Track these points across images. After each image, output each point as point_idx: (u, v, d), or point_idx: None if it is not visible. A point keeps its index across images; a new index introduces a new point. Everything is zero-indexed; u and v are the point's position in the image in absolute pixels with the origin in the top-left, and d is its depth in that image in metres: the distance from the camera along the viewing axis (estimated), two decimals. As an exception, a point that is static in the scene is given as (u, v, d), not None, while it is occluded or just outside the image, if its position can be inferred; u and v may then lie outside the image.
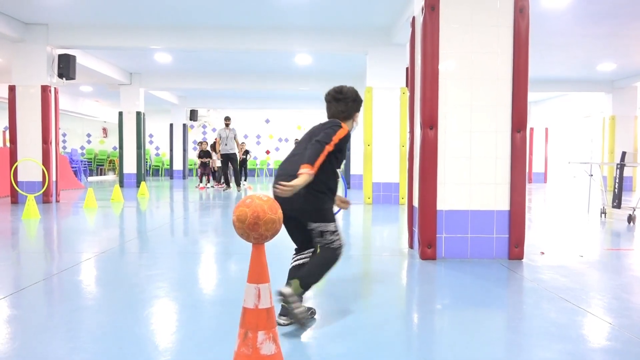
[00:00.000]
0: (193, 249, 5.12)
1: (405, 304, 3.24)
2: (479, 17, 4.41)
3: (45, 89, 9.43)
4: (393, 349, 2.39)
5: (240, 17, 8.98)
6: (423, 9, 4.44)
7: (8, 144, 9.88)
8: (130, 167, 14.69)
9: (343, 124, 2.80)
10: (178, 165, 20.77)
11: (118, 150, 14.92)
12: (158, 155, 24.11)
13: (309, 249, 2.85)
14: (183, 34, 9.66)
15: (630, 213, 7.04)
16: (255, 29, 9.60)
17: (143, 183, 12.04)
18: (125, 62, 13.21)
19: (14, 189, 9.16)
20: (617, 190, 7.40)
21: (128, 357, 2.25)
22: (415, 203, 4.68)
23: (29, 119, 9.41)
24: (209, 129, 23.62)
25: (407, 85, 9.37)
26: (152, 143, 24.00)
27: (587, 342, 2.51)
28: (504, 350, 2.43)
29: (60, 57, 9.72)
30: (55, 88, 9.75)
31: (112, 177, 22.48)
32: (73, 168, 17.03)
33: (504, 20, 4.40)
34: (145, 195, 11.38)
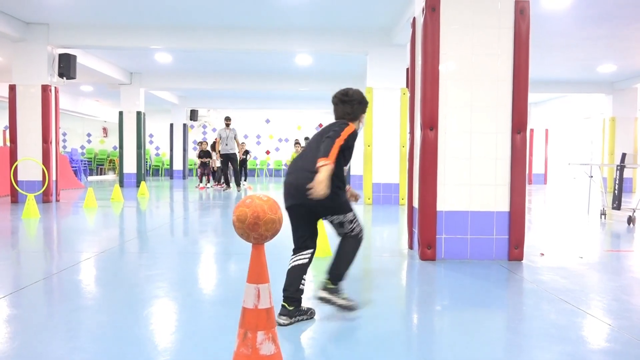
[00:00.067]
0: (193, 249, 5.13)
1: (405, 305, 3.24)
2: (480, 18, 4.41)
3: (46, 89, 9.43)
4: (393, 350, 2.39)
5: (241, 17, 8.98)
6: (424, 10, 4.45)
7: (8, 143, 9.87)
8: (130, 166, 14.70)
9: (350, 123, 2.92)
10: (178, 165, 20.78)
11: (118, 150, 14.93)
12: (158, 155, 24.11)
13: (309, 249, 2.86)
14: (183, 34, 9.67)
15: (630, 214, 7.04)
16: (256, 29, 9.61)
17: (143, 183, 12.04)
18: (126, 61, 13.22)
19: (14, 188, 9.16)
20: (617, 192, 7.40)
21: (128, 356, 2.26)
22: (415, 204, 4.68)
23: (29, 119, 9.42)
24: (209, 129, 23.62)
25: (407, 86, 9.39)
26: (152, 143, 24.01)
27: (586, 343, 2.51)
28: (504, 352, 2.43)
29: (61, 56, 9.72)
30: (56, 87, 9.76)
31: (112, 176, 22.48)
32: (73, 167, 17.03)
33: (505, 22, 4.40)
34: (145, 195, 11.38)
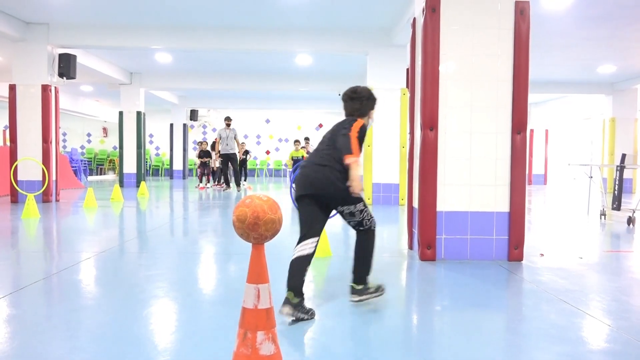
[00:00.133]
0: (193, 249, 5.13)
1: (405, 305, 3.24)
2: (480, 18, 4.41)
3: (46, 88, 9.43)
4: (392, 350, 2.39)
5: (241, 17, 8.98)
6: (424, 11, 4.45)
7: (8, 143, 9.87)
8: (130, 166, 14.69)
9: (359, 119, 3.07)
10: (178, 165, 20.78)
11: (118, 150, 14.92)
12: (158, 155, 24.11)
13: (314, 237, 2.90)
14: (183, 34, 9.67)
15: (630, 215, 7.04)
16: (256, 29, 9.61)
17: (143, 183, 12.04)
18: (126, 61, 13.22)
19: (14, 188, 9.16)
20: (616, 192, 7.40)
21: (127, 356, 2.26)
22: (415, 204, 4.68)
23: (29, 118, 9.42)
24: (209, 129, 23.61)
25: (407, 86, 9.37)
26: (152, 143, 24.00)
27: (586, 344, 2.51)
28: (503, 352, 2.43)
29: (61, 56, 9.72)
30: (56, 87, 9.76)
31: (112, 176, 22.48)
32: (73, 167, 17.03)
33: (505, 22, 4.40)
34: (145, 195, 11.38)
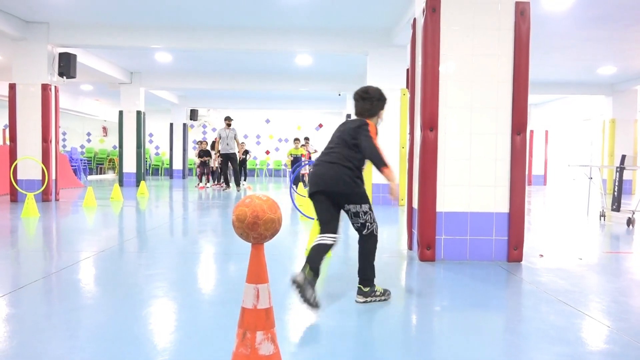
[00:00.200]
0: (192, 249, 5.12)
1: (404, 305, 3.24)
2: (480, 19, 4.41)
3: (46, 88, 9.43)
4: (392, 350, 2.39)
5: (241, 17, 8.98)
6: (424, 11, 4.45)
7: (8, 142, 9.87)
8: (130, 166, 14.69)
9: (368, 121, 3.16)
10: (178, 165, 20.78)
11: (118, 149, 14.92)
12: (158, 155, 24.11)
13: (333, 234, 3.07)
14: (183, 34, 9.67)
15: (630, 216, 7.04)
16: (256, 29, 9.61)
17: (143, 182, 12.03)
18: (126, 61, 13.22)
19: (14, 187, 9.16)
20: (616, 193, 7.40)
21: (127, 356, 2.25)
22: (415, 204, 4.68)
23: (29, 117, 9.42)
24: (209, 129, 23.61)
25: (407, 87, 9.37)
26: (152, 142, 24.00)
27: (585, 344, 2.51)
28: (502, 352, 2.43)
29: (61, 55, 9.72)
30: (56, 86, 9.76)
31: (111, 176, 22.48)
32: (73, 167, 17.04)
33: (505, 23, 4.40)
34: (145, 195, 11.37)
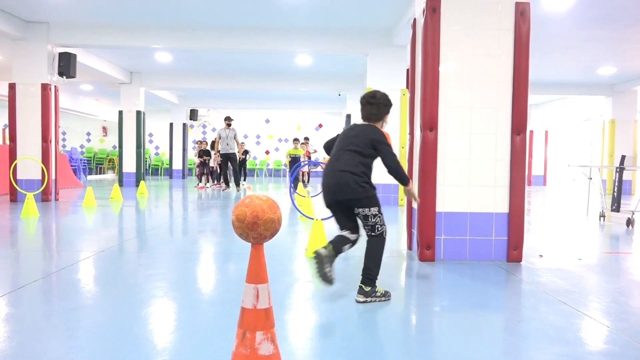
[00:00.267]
0: (192, 249, 5.12)
1: (404, 306, 3.24)
2: (480, 19, 4.41)
3: (46, 87, 9.43)
4: (391, 350, 2.39)
5: (241, 17, 8.99)
6: (424, 11, 4.45)
7: (8, 142, 9.86)
8: (130, 166, 14.69)
9: (377, 125, 3.31)
10: (177, 165, 20.78)
11: (118, 149, 14.92)
12: (158, 155, 24.11)
13: (355, 234, 3.24)
14: (183, 34, 9.67)
15: (629, 216, 7.04)
16: (256, 29, 9.61)
17: (142, 182, 12.03)
18: (126, 61, 13.22)
19: (13, 187, 9.16)
20: (616, 194, 7.40)
21: (126, 356, 2.25)
22: (415, 204, 4.68)
23: (29, 117, 9.42)
24: (209, 129, 23.61)
25: (407, 87, 9.38)
26: (151, 142, 24.00)
27: (585, 345, 2.51)
28: (502, 353, 2.43)
29: (61, 55, 9.72)
30: (56, 86, 9.76)
31: (111, 176, 22.47)
32: (72, 166, 17.03)
33: (505, 23, 4.40)
34: (145, 195, 11.37)
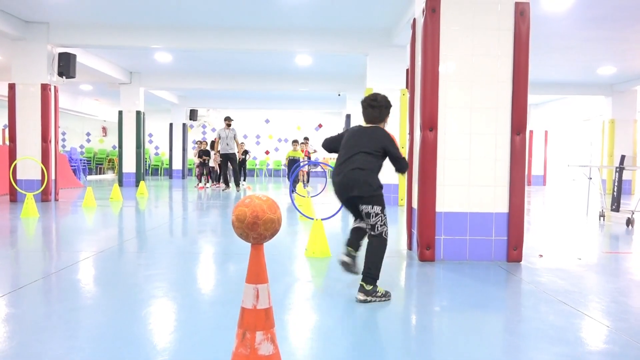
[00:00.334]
0: (192, 249, 5.12)
1: (404, 306, 3.24)
2: (480, 19, 4.41)
3: (45, 88, 9.43)
4: (391, 350, 2.39)
5: (241, 17, 8.98)
6: (424, 11, 4.45)
7: (7, 142, 9.87)
8: (130, 166, 14.69)
9: (388, 132, 3.43)
10: (177, 165, 20.78)
11: (117, 150, 14.92)
12: (157, 155, 24.10)
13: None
14: (183, 34, 9.67)
15: (629, 216, 7.04)
16: (256, 29, 9.61)
17: (142, 182, 12.03)
18: (126, 61, 13.21)
19: (13, 187, 9.15)
20: (616, 194, 7.40)
21: (126, 356, 2.25)
22: (415, 204, 4.68)
23: (29, 117, 9.41)
24: (209, 129, 23.61)
25: (407, 87, 9.37)
26: (151, 142, 23.99)
27: (585, 345, 2.51)
28: (502, 353, 2.43)
29: (61, 55, 9.72)
30: (55, 86, 9.75)
31: (111, 176, 22.47)
32: (72, 167, 17.04)
33: (505, 23, 4.40)
34: (144, 195, 11.37)
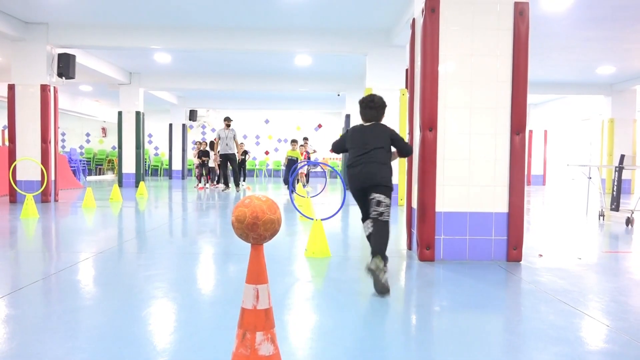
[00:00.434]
0: (192, 250, 5.12)
1: (404, 306, 3.24)
2: (479, 19, 4.42)
3: (45, 88, 9.43)
4: (391, 351, 2.39)
5: (241, 17, 8.99)
6: (423, 11, 4.45)
7: (7, 143, 9.87)
8: (129, 166, 14.69)
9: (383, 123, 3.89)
10: (177, 166, 20.77)
11: (117, 150, 14.92)
12: (157, 155, 24.10)
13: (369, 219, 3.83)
14: (183, 34, 9.67)
15: (629, 216, 7.05)
16: (256, 30, 9.61)
17: (142, 183, 12.04)
18: (125, 61, 13.22)
19: (13, 188, 9.15)
20: (615, 193, 7.41)
21: (126, 357, 2.25)
22: (414, 204, 4.69)
23: (28, 118, 9.42)
24: (208, 129, 23.61)
25: (406, 87, 9.38)
26: (151, 143, 23.99)
27: (584, 344, 2.51)
28: (502, 352, 2.43)
29: (60, 56, 9.72)
30: (55, 87, 9.75)
31: (110, 176, 22.46)
32: (72, 167, 17.03)
33: (504, 23, 4.41)
34: (144, 195, 11.37)
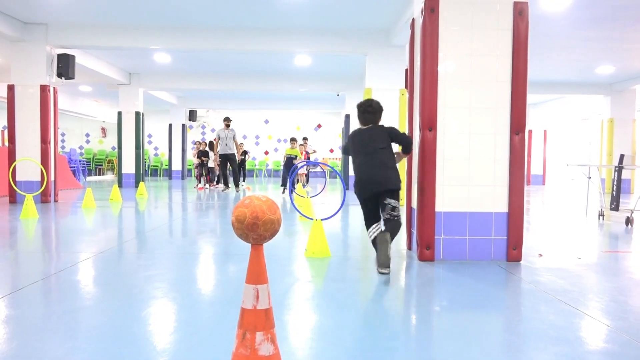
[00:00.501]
0: (191, 250, 5.12)
1: (404, 306, 3.24)
2: (479, 19, 4.42)
3: (44, 89, 9.43)
4: (391, 350, 2.39)
5: (240, 17, 8.99)
6: (423, 11, 4.45)
7: (7, 144, 9.87)
8: (129, 167, 14.69)
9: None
10: (177, 166, 20.77)
11: (117, 150, 14.92)
12: (157, 156, 24.10)
13: (377, 222, 4.18)
14: (183, 34, 9.67)
15: (628, 215, 7.05)
16: (255, 30, 9.61)
17: (142, 183, 12.04)
18: (125, 62, 13.21)
19: (13, 189, 9.15)
20: (615, 193, 7.41)
21: (126, 357, 2.25)
22: (414, 204, 4.69)
23: (28, 119, 9.42)
24: (208, 130, 23.62)
25: (406, 87, 9.39)
26: (150, 143, 23.99)
27: (584, 344, 2.51)
28: (501, 352, 2.43)
29: (60, 56, 9.72)
30: (54, 88, 9.75)
31: (110, 177, 22.46)
32: (71, 168, 17.03)
33: (504, 23, 4.41)
34: (144, 196, 11.37)
